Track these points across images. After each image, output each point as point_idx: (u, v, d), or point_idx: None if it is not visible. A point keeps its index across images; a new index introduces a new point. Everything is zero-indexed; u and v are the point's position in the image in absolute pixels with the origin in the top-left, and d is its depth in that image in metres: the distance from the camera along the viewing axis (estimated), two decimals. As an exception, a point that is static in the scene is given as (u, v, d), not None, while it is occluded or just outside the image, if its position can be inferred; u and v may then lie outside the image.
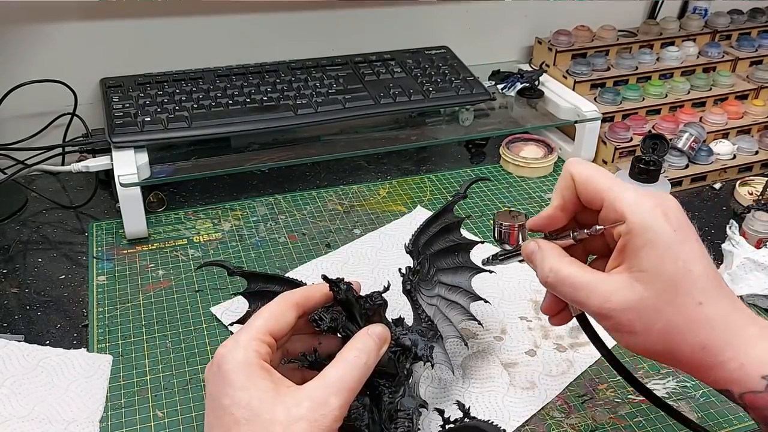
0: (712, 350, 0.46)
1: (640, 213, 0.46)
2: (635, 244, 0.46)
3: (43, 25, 0.97)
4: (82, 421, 0.62)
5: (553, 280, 0.50)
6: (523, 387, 0.67)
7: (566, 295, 0.50)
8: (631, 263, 0.47)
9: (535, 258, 0.52)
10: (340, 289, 0.53)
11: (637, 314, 0.46)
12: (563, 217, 0.53)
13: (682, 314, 0.46)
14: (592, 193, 0.50)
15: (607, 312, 0.47)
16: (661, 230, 0.46)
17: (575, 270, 0.49)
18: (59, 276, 0.81)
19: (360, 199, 0.96)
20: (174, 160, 0.90)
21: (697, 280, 0.46)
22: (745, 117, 1.11)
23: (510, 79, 1.11)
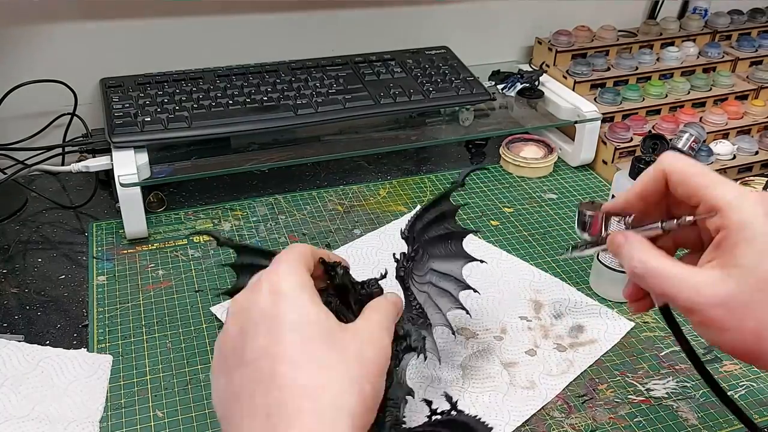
0: None
1: (741, 210, 0.46)
2: (733, 240, 0.46)
3: (43, 25, 0.97)
4: (82, 420, 0.62)
5: (641, 271, 0.49)
6: (523, 386, 0.67)
7: (654, 287, 0.49)
8: (726, 259, 0.46)
9: (622, 249, 0.51)
10: (337, 273, 0.52)
11: (728, 310, 0.45)
12: (639, 205, 0.52)
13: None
14: (690, 190, 0.49)
15: (696, 305, 0.46)
16: (761, 228, 0.45)
17: (664, 262, 0.48)
18: (59, 276, 0.81)
19: (360, 199, 0.96)
20: (174, 160, 0.90)
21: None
22: (745, 117, 1.11)
23: (510, 79, 1.11)
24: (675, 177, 0.49)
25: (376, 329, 0.47)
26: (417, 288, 0.64)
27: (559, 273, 0.82)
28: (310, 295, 0.45)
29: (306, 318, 0.43)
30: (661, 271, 0.48)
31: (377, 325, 0.48)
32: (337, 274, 0.52)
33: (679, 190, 0.49)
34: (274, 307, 0.43)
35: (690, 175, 0.49)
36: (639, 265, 0.49)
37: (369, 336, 0.46)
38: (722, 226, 0.46)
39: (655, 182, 0.50)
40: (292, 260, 0.47)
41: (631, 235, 0.51)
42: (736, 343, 0.46)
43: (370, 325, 0.48)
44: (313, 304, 0.44)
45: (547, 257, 0.85)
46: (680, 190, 0.49)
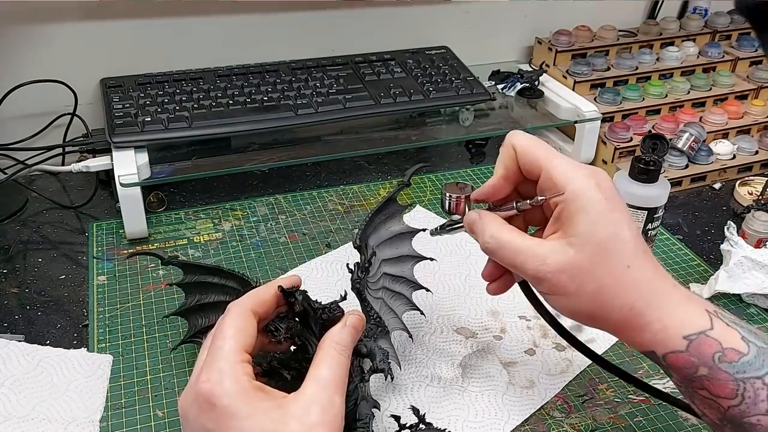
0: (638, 311, 0.49)
1: (574, 181, 0.50)
2: (569, 211, 0.49)
3: (43, 25, 0.97)
4: (82, 420, 0.62)
5: (493, 246, 0.53)
6: (523, 386, 0.67)
7: (505, 260, 0.52)
8: (565, 229, 0.50)
9: (476, 227, 0.54)
10: (297, 301, 0.51)
11: (570, 276, 0.49)
12: (506, 187, 0.55)
13: (612, 276, 0.49)
14: (531, 163, 0.52)
15: (542, 274, 0.50)
16: (594, 198, 0.49)
17: (514, 236, 0.52)
18: (59, 276, 0.81)
19: (360, 199, 0.96)
20: (174, 160, 0.90)
21: (626, 244, 0.49)
22: (744, 117, 1.11)
23: (510, 79, 1.11)
24: (520, 151, 0.53)
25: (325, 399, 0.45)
26: (372, 296, 0.63)
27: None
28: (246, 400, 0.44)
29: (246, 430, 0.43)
30: (511, 243, 0.52)
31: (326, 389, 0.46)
32: (296, 301, 0.51)
33: (524, 163, 0.53)
34: (214, 424, 0.43)
35: (531, 148, 0.52)
36: (491, 240, 0.53)
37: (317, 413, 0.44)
38: (560, 199, 0.50)
39: (512, 160, 0.54)
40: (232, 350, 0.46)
41: (484, 213, 0.55)
42: (579, 307, 0.50)
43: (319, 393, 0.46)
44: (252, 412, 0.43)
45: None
46: (525, 164, 0.53)
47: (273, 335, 0.52)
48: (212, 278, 0.63)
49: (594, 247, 0.48)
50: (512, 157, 0.53)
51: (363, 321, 0.53)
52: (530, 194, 0.54)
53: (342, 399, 0.46)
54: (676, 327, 0.48)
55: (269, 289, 0.52)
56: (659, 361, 0.50)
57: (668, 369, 0.50)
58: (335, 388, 0.46)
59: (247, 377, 0.45)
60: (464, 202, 0.57)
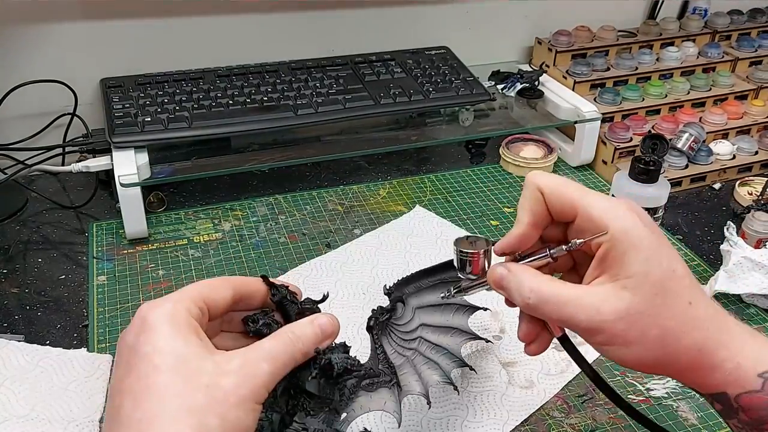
0: (707, 351, 0.45)
1: (618, 219, 0.45)
2: (618, 251, 0.45)
3: (43, 25, 0.97)
4: (82, 420, 0.62)
5: (534, 301, 0.46)
6: (522, 386, 0.67)
7: (551, 315, 0.46)
8: (614, 271, 0.45)
9: (507, 283, 0.48)
10: (278, 292, 0.50)
11: (631, 321, 0.44)
12: (535, 235, 0.50)
13: (675, 317, 0.44)
14: (564, 205, 0.48)
15: (598, 325, 0.44)
16: (643, 234, 0.45)
17: (557, 286, 0.46)
18: (59, 276, 0.81)
19: (360, 199, 0.96)
20: (174, 160, 0.90)
21: (682, 279, 0.45)
22: (744, 117, 1.11)
23: (510, 79, 1.11)
24: (548, 192, 0.48)
25: (253, 358, 0.42)
26: (395, 348, 0.60)
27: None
28: (173, 327, 0.41)
29: (159, 347, 0.40)
30: (557, 296, 0.46)
31: (257, 353, 0.43)
32: (277, 292, 0.50)
33: (555, 206, 0.48)
34: (135, 338, 0.41)
35: (561, 188, 0.48)
36: (531, 295, 0.46)
37: (237, 365, 0.41)
38: (604, 238, 0.45)
39: (539, 204, 0.49)
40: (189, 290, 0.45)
41: (513, 265, 0.49)
42: (643, 355, 0.45)
43: (250, 353, 0.43)
44: (174, 335, 0.41)
45: (547, 257, 0.85)
46: (555, 207, 0.48)
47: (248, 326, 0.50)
48: None
49: (651, 288, 0.44)
50: (539, 201, 0.48)
51: (335, 326, 0.48)
52: (552, 238, 0.50)
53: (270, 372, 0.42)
54: (750, 365, 0.44)
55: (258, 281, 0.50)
56: (730, 403, 0.45)
57: (738, 411, 0.45)
58: (266, 358, 0.43)
59: (186, 311, 0.43)
60: (483, 257, 0.51)
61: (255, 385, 0.41)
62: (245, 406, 0.40)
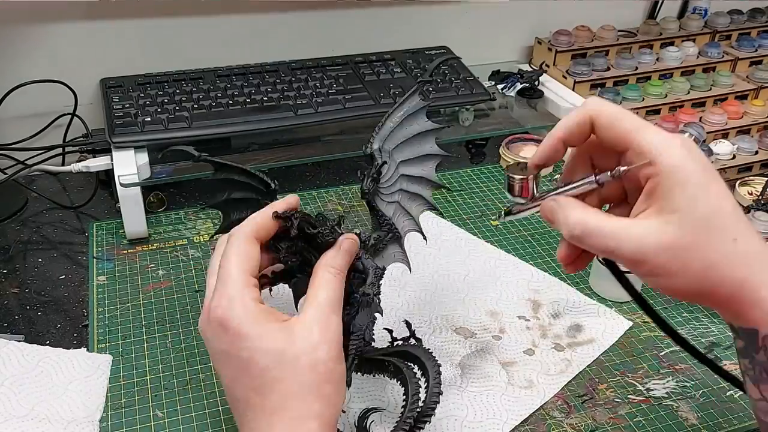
0: (750, 287, 0.45)
1: (669, 155, 0.46)
2: (665, 185, 0.46)
3: (43, 25, 0.97)
4: (82, 420, 0.62)
5: (580, 232, 0.48)
6: (521, 386, 0.67)
7: (596, 246, 0.48)
8: (661, 205, 0.46)
9: (556, 215, 0.51)
10: (293, 224, 0.53)
11: (673, 255, 0.45)
12: (562, 150, 0.52)
13: (719, 251, 0.45)
14: (618, 135, 0.48)
15: (642, 256, 0.46)
16: (692, 170, 0.45)
17: (602, 219, 0.48)
18: (59, 276, 0.81)
19: (360, 199, 0.96)
20: (174, 160, 0.90)
21: (729, 216, 0.46)
22: (744, 117, 1.11)
23: (510, 79, 1.11)
24: (602, 120, 0.49)
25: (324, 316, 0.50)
26: (385, 200, 0.63)
27: (558, 273, 0.82)
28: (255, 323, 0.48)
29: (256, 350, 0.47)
30: (602, 228, 0.47)
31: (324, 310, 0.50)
32: (292, 224, 0.53)
33: (606, 134, 0.49)
34: (229, 346, 0.48)
35: (617, 119, 0.48)
36: (578, 227, 0.48)
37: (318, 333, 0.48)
38: (653, 172, 0.46)
39: (579, 126, 0.50)
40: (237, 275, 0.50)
41: (561, 198, 0.51)
42: (685, 286, 0.46)
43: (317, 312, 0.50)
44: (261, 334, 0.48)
45: (547, 257, 0.85)
46: (607, 135, 0.49)
47: (277, 252, 0.54)
48: (238, 176, 0.64)
49: (697, 223, 0.45)
50: (582, 125, 0.50)
51: (356, 243, 0.56)
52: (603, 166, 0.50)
53: (339, 318, 0.50)
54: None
55: (268, 213, 0.53)
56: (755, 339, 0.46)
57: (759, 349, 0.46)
58: (332, 308, 0.50)
59: (254, 301, 0.49)
60: (532, 182, 0.54)
61: (337, 340, 0.49)
62: (338, 359, 0.49)
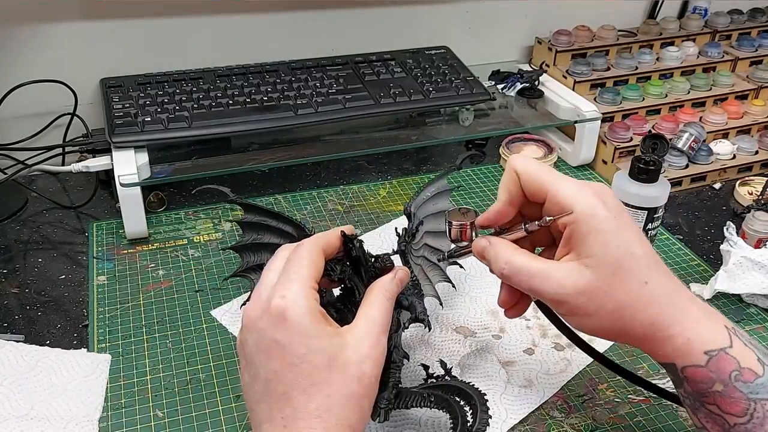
0: (660, 326, 0.50)
1: (581, 203, 0.50)
2: (580, 232, 0.50)
3: (43, 25, 0.97)
4: (81, 419, 0.62)
5: (508, 271, 0.53)
6: (521, 385, 0.67)
7: (522, 284, 0.53)
8: (578, 250, 0.50)
9: (487, 253, 0.55)
10: (355, 247, 0.55)
11: (589, 297, 0.49)
12: (511, 211, 0.55)
13: (630, 294, 0.49)
14: (536, 187, 0.53)
15: (561, 297, 0.50)
16: (603, 217, 0.50)
17: (529, 260, 0.52)
18: (59, 276, 0.81)
19: (360, 199, 0.96)
20: (174, 160, 0.90)
21: (640, 260, 0.50)
22: (745, 117, 1.11)
23: (510, 79, 1.11)
24: (524, 177, 0.53)
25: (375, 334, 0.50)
26: (413, 261, 0.67)
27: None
28: (314, 321, 0.48)
29: (313, 348, 0.48)
30: (527, 268, 0.52)
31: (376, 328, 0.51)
32: (354, 247, 0.55)
33: (528, 188, 0.53)
34: (284, 337, 0.48)
35: (535, 173, 0.53)
36: (506, 267, 0.53)
37: (368, 347, 0.49)
38: (569, 220, 0.50)
39: (514, 184, 0.54)
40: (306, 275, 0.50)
41: (494, 239, 0.55)
42: (601, 326, 0.51)
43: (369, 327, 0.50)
44: (319, 333, 0.48)
45: (547, 257, 0.85)
46: (529, 189, 0.53)
47: (329, 274, 0.55)
48: (271, 221, 0.67)
49: (609, 268, 0.49)
50: (515, 182, 0.54)
51: (408, 276, 0.57)
52: (535, 215, 0.54)
53: (386, 340, 0.51)
54: (699, 342, 0.49)
55: (334, 234, 0.55)
56: (677, 372, 0.50)
57: (683, 381, 0.50)
58: (382, 329, 0.51)
59: (316, 302, 0.49)
60: (470, 228, 0.57)
61: (381, 360, 0.50)
62: (378, 378, 0.50)
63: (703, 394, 0.49)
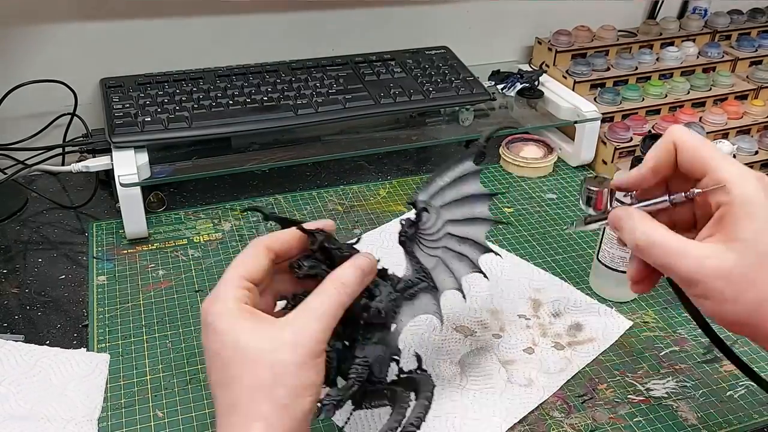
0: None
1: (744, 186, 0.47)
2: (735, 215, 0.47)
3: (43, 25, 0.97)
4: (80, 419, 0.62)
5: (644, 243, 0.50)
6: (521, 384, 0.67)
7: (657, 259, 0.50)
8: (727, 233, 0.47)
9: (624, 224, 0.52)
10: (315, 240, 0.53)
11: (729, 282, 0.47)
12: (652, 179, 0.53)
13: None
14: (697, 161, 0.50)
15: (698, 277, 0.47)
16: (764, 205, 0.47)
17: (668, 234, 0.50)
18: (59, 276, 0.81)
19: (360, 199, 0.96)
20: (174, 160, 0.90)
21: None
22: (744, 117, 1.11)
23: (510, 79, 1.11)
24: (684, 148, 0.50)
25: (302, 322, 0.48)
26: (425, 253, 0.63)
27: (558, 272, 0.82)
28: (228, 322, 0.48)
29: (225, 343, 0.47)
30: (665, 242, 0.49)
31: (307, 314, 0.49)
32: (315, 240, 0.53)
33: (687, 161, 0.50)
34: (206, 340, 0.49)
35: (698, 147, 0.50)
36: (642, 237, 0.50)
37: (290, 334, 0.47)
38: (725, 201, 0.48)
39: (667, 154, 0.51)
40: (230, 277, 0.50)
41: (632, 209, 0.53)
42: (735, 315, 0.48)
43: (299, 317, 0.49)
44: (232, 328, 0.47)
45: (547, 257, 0.85)
46: (687, 162, 0.50)
47: (294, 271, 0.54)
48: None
49: (756, 256, 0.46)
50: (669, 151, 0.51)
51: (372, 263, 0.54)
52: (678, 191, 0.52)
53: (322, 328, 0.48)
54: None
55: (291, 230, 0.54)
56: None
57: None
58: (316, 316, 0.48)
59: (235, 300, 0.49)
60: (606, 195, 0.56)
61: (309, 346, 0.47)
62: (305, 366, 0.47)
63: None
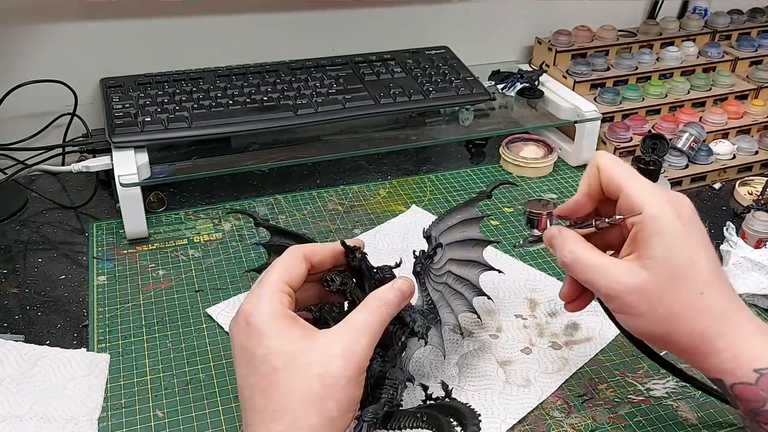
0: (708, 338, 0.49)
1: (652, 204, 0.50)
2: (645, 233, 0.50)
3: (43, 25, 0.97)
4: (80, 419, 0.62)
5: (569, 260, 0.54)
6: (519, 384, 0.67)
7: (580, 275, 0.54)
8: (640, 251, 0.51)
9: (555, 241, 0.56)
10: (355, 257, 0.55)
11: (642, 297, 0.50)
12: (589, 204, 0.57)
13: (683, 301, 0.49)
14: (612, 183, 0.54)
15: (614, 293, 0.51)
16: (671, 223, 0.50)
17: (591, 253, 0.53)
18: (59, 276, 0.81)
19: (360, 199, 0.96)
20: (174, 160, 0.90)
21: (701, 271, 0.50)
22: (744, 117, 1.11)
23: (510, 79, 1.11)
24: (603, 171, 0.54)
25: (352, 337, 0.49)
26: (432, 285, 0.66)
27: (554, 272, 0.82)
28: (276, 326, 0.48)
29: (271, 349, 0.48)
30: (587, 259, 0.53)
31: (355, 330, 0.50)
32: (354, 257, 0.55)
33: (605, 184, 0.54)
34: (248, 341, 0.49)
35: (612, 169, 0.54)
36: (568, 255, 0.54)
37: (341, 348, 0.48)
38: (638, 220, 0.51)
39: (595, 178, 0.55)
40: (275, 280, 0.51)
41: (564, 229, 0.57)
42: (648, 328, 0.51)
43: (348, 331, 0.49)
44: (279, 334, 0.48)
45: (546, 257, 0.85)
46: (605, 185, 0.54)
47: (327, 285, 0.56)
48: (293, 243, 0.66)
49: (667, 272, 0.49)
50: (596, 176, 0.55)
51: (411, 287, 0.56)
52: (610, 215, 0.55)
53: (368, 344, 0.49)
54: (747, 359, 0.49)
55: (329, 244, 0.56)
56: (726, 390, 0.50)
57: (734, 399, 0.50)
58: (364, 332, 0.49)
59: (281, 305, 0.50)
60: (546, 218, 0.59)
61: (358, 362, 0.48)
62: (353, 382, 0.48)
63: (755, 413, 0.49)
